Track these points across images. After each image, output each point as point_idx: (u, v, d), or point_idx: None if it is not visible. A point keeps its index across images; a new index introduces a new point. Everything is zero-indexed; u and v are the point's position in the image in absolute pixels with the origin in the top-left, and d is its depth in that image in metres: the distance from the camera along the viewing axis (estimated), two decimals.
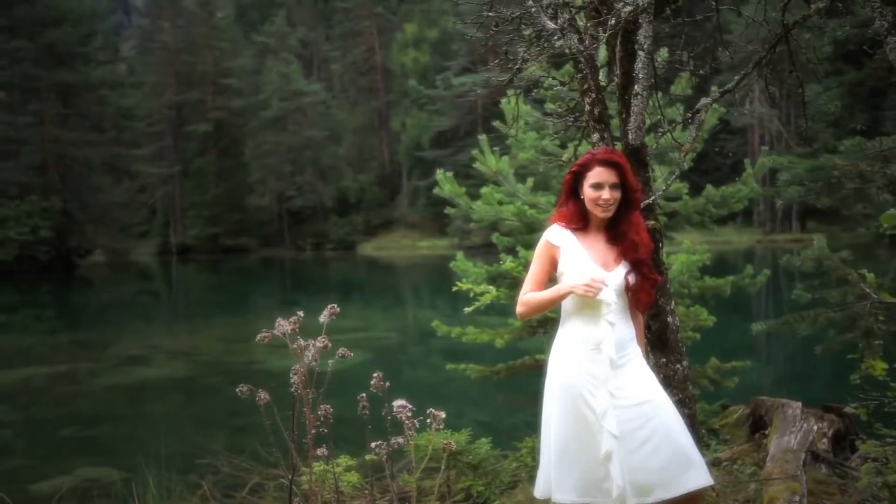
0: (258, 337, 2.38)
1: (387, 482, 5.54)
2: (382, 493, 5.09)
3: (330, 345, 2.66)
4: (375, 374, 3.63)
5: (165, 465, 6.35)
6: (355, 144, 63.12)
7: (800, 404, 4.43)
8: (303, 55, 68.73)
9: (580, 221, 2.68)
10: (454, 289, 6.03)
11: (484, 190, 5.58)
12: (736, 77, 3.44)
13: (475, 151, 6.04)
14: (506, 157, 6.02)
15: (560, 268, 2.69)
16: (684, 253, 5.58)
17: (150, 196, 58.58)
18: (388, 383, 3.63)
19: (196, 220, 57.80)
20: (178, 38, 60.48)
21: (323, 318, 2.39)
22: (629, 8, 2.94)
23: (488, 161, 5.93)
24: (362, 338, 15.25)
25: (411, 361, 14.74)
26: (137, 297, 32.54)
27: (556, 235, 2.70)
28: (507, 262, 5.67)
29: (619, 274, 2.64)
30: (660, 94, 4.22)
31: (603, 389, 2.56)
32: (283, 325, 2.34)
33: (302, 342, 2.32)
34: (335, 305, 2.40)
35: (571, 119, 4.91)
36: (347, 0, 66.44)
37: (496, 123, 5.92)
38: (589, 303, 2.59)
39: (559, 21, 3.50)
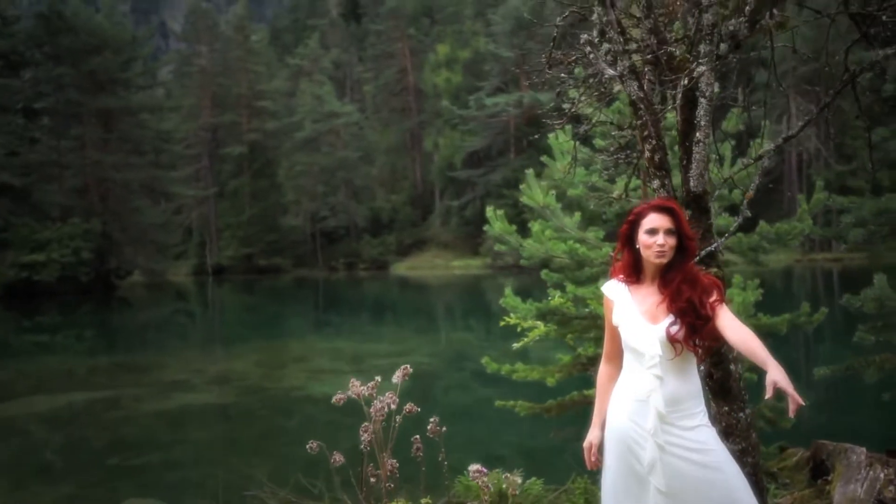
0: (333, 399, 2.40)
1: None
2: None
3: (398, 401, 2.66)
4: (432, 420, 3.63)
5: (215, 498, 6.41)
6: (388, 165, 63.62)
7: (864, 450, 4.29)
8: (336, 77, 69.66)
9: (633, 273, 2.69)
10: (501, 323, 6.00)
11: (534, 227, 5.56)
12: (799, 123, 3.39)
13: (522, 186, 6.03)
14: (553, 192, 6.00)
15: (614, 320, 2.69)
16: (736, 289, 5.49)
17: (187, 217, 59.58)
18: (444, 428, 3.62)
19: (231, 241, 58.61)
20: (214, 62, 61.73)
21: (396, 378, 2.40)
22: (703, 68, 2.92)
23: (535, 196, 5.91)
24: (398, 363, 15.17)
25: (448, 387, 14.69)
26: (174, 318, 33.01)
27: (611, 289, 2.73)
28: (556, 299, 5.63)
29: (663, 326, 2.57)
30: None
31: (651, 442, 2.51)
32: (358, 388, 2.34)
33: (378, 404, 2.33)
34: (408, 366, 2.40)
35: (622, 156, 4.90)
36: (380, 22, 67.28)
37: (544, 159, 5.91)
38: (637, 355, 2.59)
39: (619, 67, 3.49)
